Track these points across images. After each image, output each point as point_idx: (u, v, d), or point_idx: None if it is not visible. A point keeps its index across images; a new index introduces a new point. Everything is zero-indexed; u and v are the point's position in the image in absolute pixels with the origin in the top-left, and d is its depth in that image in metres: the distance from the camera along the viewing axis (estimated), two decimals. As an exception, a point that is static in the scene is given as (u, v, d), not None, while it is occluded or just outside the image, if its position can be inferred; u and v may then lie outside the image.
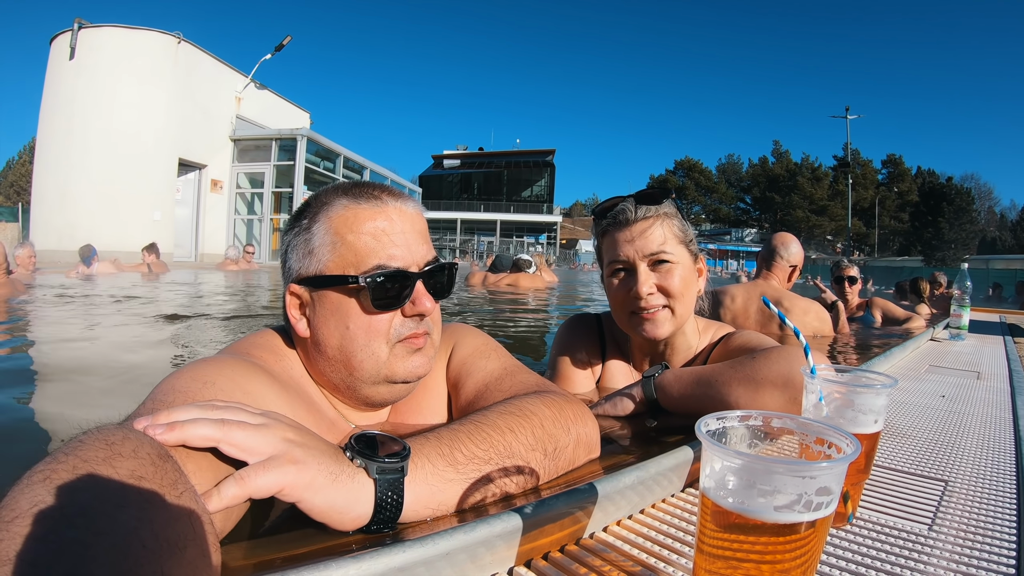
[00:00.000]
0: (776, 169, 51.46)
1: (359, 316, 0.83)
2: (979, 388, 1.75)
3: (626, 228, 1.23)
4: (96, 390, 1.87)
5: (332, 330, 0.84)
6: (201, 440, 0.56)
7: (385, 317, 0.84)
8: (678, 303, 1.23)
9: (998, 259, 32.30)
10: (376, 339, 0.84)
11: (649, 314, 1.23)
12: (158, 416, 0.57)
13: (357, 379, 0.86)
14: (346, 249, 0.84)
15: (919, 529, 0.74)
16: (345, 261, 0.83)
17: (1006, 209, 56.33)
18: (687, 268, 1.24)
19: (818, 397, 0.72)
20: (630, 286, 1.22)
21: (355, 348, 0.84)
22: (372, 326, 0.84)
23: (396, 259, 0.84)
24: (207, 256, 15.35)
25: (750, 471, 0.46)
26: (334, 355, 0.85)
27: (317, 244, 0.85)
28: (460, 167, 55.34)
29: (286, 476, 0.56)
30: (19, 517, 0.40)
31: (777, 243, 2.85)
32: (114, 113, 13.43)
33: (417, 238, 0.88)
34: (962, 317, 3.06)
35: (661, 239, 1.21)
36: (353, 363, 0.84)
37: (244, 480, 0.55)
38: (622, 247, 1.23)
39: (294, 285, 0.87)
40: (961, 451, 1.09)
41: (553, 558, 0.63)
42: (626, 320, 1.29)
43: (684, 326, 1.29)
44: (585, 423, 0.84)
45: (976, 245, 41.08)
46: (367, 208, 0.85)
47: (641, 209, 1.22)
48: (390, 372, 0.86)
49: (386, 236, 0.84)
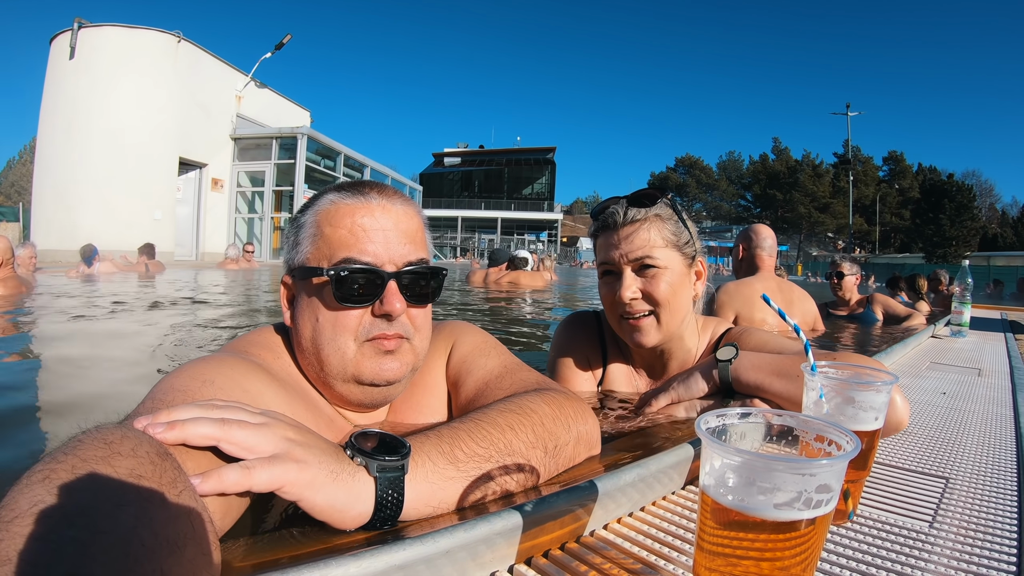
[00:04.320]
0: (777, 166, 51.32)
1: (326, 310, 0.83)
2: (980, 385, 1.75)
3: (614, 231, 1.22)
4: (95, 389, 1.87)
5: (306, 321, 0.86)
6: (201, 439, 0.56)
7: (353, 314, 0.83)
8: (664, 311, 1.20)
9: (999, 256, 32.25)
10: (342, 334, 0.83)
11: (635, 320, 1.22)
12: (158, 415, 0.57)
13: (327, 374, 0.86)
14: (323, 242, 0.84)
15: (920, 526, 0.74)
16: (321, 253, 0.84)
17: (1007, 206, 56.26)
18: (677, 274, 1.21)
19: (819, 394, 0.72)
20: (616, 289, 1.21)
21: (323, 341, 0.84)
22: (339, 321, 0.83)
23: (368, 255, 0.83)
24: (208, 255, 15.36)
25: (750, 468, 0.46)
26: (308, 347, 0.86)
27: (302, 236, 0.87)
28: (461, 165, 55.31)
29: (287, 474, 0.56)
30: (19, 517, 0.40)
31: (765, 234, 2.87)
32: (114, 112, 13.43)
33: (399, 237, 0.86)
34: (963, 314, 3.06)
35: (647, 244, 1.19)
36: (322, 356, 0.84)
37: (248, 470, 0.55)
38: (609, 250, 1.23)
39: (286, 276, 0.91)
40: (962, 448, 1.09)
41: (554, 556, 0.63)
42: (616, 324, 1.28)
43: (681, 331, 1.26)
44: (586, 420, 0.84)
45: (977, 242, 40.91)
46: (350, 203, 0.85)
47: (630, 212, 1.21)
48: (356, 371, 0.84)
49: (363, 231, 0.84)
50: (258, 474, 0.55)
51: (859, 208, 47.97)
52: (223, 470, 0.55)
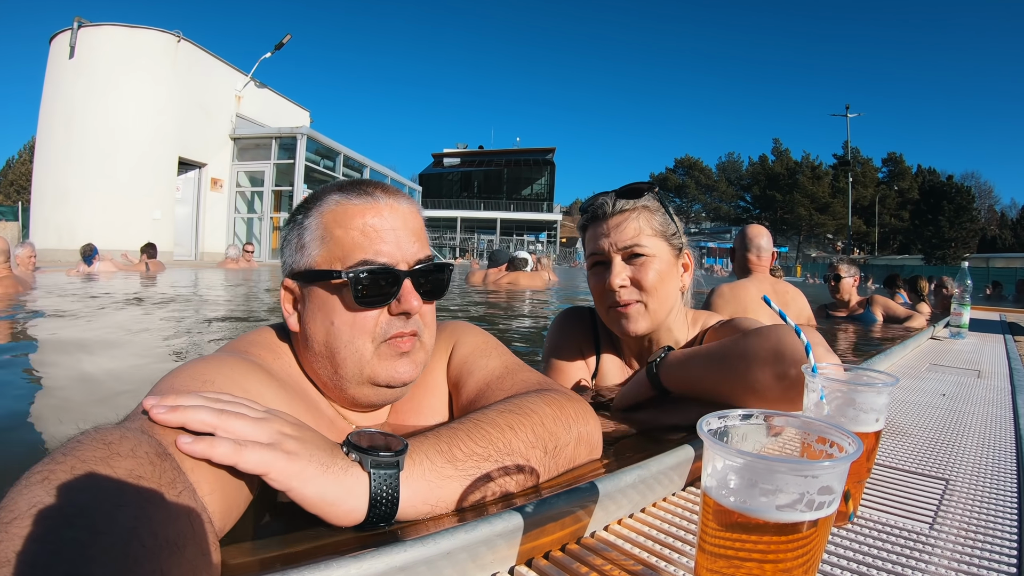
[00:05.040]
0: (776, 167, 51.34)
1: (344, 312, 0.83)
2: (979, 387, 1.75)
3: (603, 222, 1.24)
4: (94, 389, 1.87)
5: (319, 325, 0.84)
6: (199, 424, 0.58)
7: (370, 315, 0.83)
8: (651, 298, 1.21)
9: (998, 257, 32.33)
10: (360, 336, 0.83)
11: (623, 308, 1.22)
12: (165, 398, 0.60)
13: (341, 377, 0.85)
14: (334, 244, 0.83)
15: (920, 528, 0.74)
16: (332, 256, 0.83)
17: (1006, 207, 56.32)
18: (665, 263, 1.23)
19: (820, 395, 0.72)
20: (605, 279, 1.23)
21: (339, 344, 0.83)
22: (356, 322, 0.83)
23: (383, 255, 0.83)
24: (207, 255, 15.35)
25: (752, 470, 0.46)
26: (320, 351, 0.85)
27: (308, 239, 0.85)
28: (460, 165, 55.30)
29: (276, 461, 0.57)
30: (18, 518, 0.40)
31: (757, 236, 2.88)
32: (114, 112, 13.43)
33: (409, 236, 0.87)
34: (962, 315, 3.06)
35: (636, 232, 1.21)
36: (337, 359, 0.84)
37: (240, 448, 0.57)
38: (599, 240, 1.24)
39: (287, 280, 0.88)
40: (962, 450, 1.09)
41: (554, 557, 0.63)
42: (605, 314, 1.29)
43: (668, 321, 1.27)
44: (587, 421, 0.84)
45: (976, 243, 41.01)
46: (358, 204, 0.84)
47: (619, 203, 1.23)
48: (372, 373, 0.84)
49: (375, 232, 0.84)
50: (248, 454, 0.57)
51: (858, 209, 48.02)
52: (216, 440, 0.57)
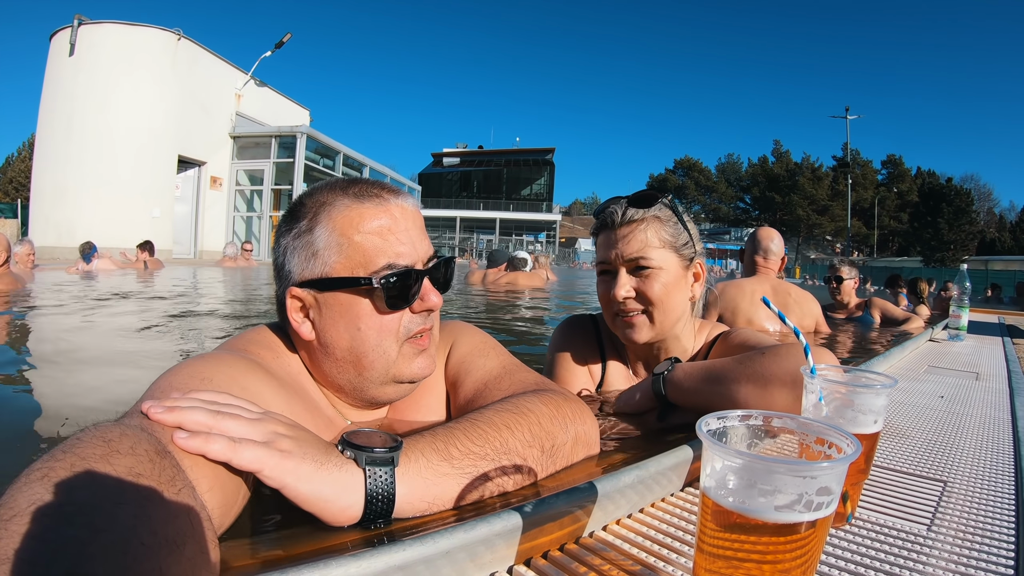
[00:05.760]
0: (776, 169, 51.39)
1: (371, 316, 0.83)
2: (978, 389, 1.76)
3: (612, 230, 1.24)
4: (94, 387, 1.87)
5: (342, 332, 0.84)
6: (194, 424, 0.58)
7: (395, 316, 0.85)
8: (657, 310, 1.21)
9: (997, 260, 32.36)
10: (387, 338, 0.85)
11: (628, 318, 1.23)
12: (164, 400, 0.61)
13: (366, 379, 0.86)
14: (353, 250, 0.82)
15: (918, 529, 0.74)
16: (353, 262, 0.82)
17: (1005, 210, 56.35)
18: (672, 275, 1.22)
19: (818, 397, 0.72)
20: (611, 288, 1.23)
21: (367, 348, 0.84)
22: (384, 326, 0.84)
23: (404, 257, 0.84)
24: (206, 253, 15.34)
25: (751, 471, 0.46)
26: (343, 356, 0.85)
27: (322, 246, 0.83)
28: (460, 165, 55.28)
29: (271, 458, 0.58)
30: (18, 515, 0.40)
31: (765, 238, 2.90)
32: (114, 109, 13.41)
33: (419, 234, 0.88)
34: (961, 318, 3.06)
35: (643, 244, 1.20)
36: (364, 363, 0.85)
37: (235, 445, 0.58)
38: (606, 249, 1.25)
39: (295, 288, 0.85)
40: (960, 451, 1.09)
41: (553, 557, 0.63)
42: (611, 321, 1.29)
43: (677, 329, 1.27)
44: (584, 421, 0.84)
45: (975, 246, 41.07)
46: (370, 207, 0.84)
47: (629, 212, 1.22)
48: (397, 372, 0.87)
49: (391, 234, 0.84)
50: (243, 452, 0.57)
51: (857, 211, 48.11)
52: (212, 436, 0.58)
